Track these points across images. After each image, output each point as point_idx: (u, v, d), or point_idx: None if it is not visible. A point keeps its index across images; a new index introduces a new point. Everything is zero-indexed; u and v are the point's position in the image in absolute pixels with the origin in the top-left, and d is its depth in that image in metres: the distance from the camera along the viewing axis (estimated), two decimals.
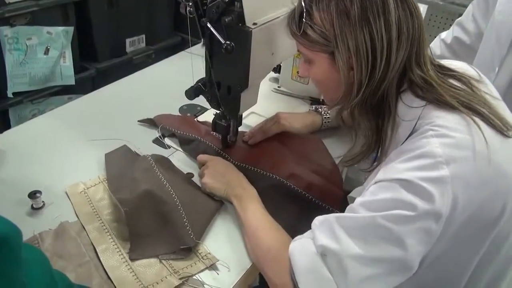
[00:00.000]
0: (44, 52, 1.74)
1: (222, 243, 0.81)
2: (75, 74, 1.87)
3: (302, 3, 0.69)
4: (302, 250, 0.66)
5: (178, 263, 0.75)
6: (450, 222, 0.58)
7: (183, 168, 0.97)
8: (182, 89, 0.90)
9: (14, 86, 1.70)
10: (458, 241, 0.61)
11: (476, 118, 0.62)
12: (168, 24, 2.28)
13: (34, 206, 0.84)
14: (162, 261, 0.75)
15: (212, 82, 0.89)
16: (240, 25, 0.78)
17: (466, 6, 1.26)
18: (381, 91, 0.67)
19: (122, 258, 0.75)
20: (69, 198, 0.87)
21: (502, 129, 0.63)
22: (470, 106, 0.63)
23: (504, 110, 0.70)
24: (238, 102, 0.89)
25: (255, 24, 0.80)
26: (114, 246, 0.77)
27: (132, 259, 0.75)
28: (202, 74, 0.90)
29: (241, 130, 1.03)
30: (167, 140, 1.06)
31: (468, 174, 0.58)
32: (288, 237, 0.74)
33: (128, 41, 2.11)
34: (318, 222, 0.67)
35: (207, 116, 1.15)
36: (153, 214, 0.80)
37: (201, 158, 0.96)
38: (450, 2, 2.09)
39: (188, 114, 1.18)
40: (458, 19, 1.27)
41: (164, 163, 0.94)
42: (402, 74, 0.67)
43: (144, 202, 0.81)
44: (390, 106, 0.69)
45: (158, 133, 1.06)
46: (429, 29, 2.35)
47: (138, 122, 1.12)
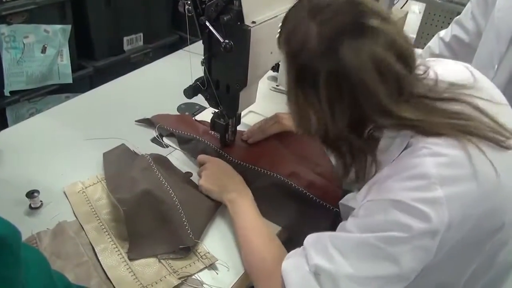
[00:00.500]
0: (41, 50, 1.73)
1: (221, 243, 0.80)
2: (73, 72, 1.86)
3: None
4: (295, 268, 0.66)
5: (177, 263, 0.75)
6: (446, 238, 0.58)
7: (182, 167, 0.97)
8: (180, 87, 0.90)
9: (11, 84, 1.69)
10: (455, 252, 0.61)
11: (470, 136, 0.59)
12: (166, 22, 2.26)
13: (32, 205, 0.83)
14: (161, 260, 0.75)
15: (210, 81, 0.88)
16: (239, 23, 0.78)
17: (464, 5, 1.26)
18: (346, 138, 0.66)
19: (121, 258, 0.75)
20: (67, 197, 0.86)
21: (500, 140, 0.60)
22: (464, 129, 0.60)
23: (505, 115, 0.66)
24: (237, 101, 0.89)
25: (254, 22, 0.80)
26: (113, 246, 0.77)
27: (131, 259, 0.75)
28: (201, 73, 0.90)
29: (239, 129, 1.02)
30: (165, 139, 1.06)
31: (463, 193, 0.57)
32: (280, 249, 0.73)
33: (125, 39, 2.10)
34: (311, 240, 0.66)
35: (206, 114, 1.15)
36: (151, 214, 0.80)
37: (201, 158, 0.95)
38: (448, 0, 2.10)
39: (186, 113, 1.17)
40: (456, 18, 1.27)
41: (162, 162, 0.94)
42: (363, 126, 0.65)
43: (142, 202, 0.81)
44: (364, 148, 0.67)
45: (155, 132, 1.06)
46: (427, 27, 2.35)
47: (136, 122, 1.11)
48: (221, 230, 0.83)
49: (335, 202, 0.90)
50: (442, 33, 1.28)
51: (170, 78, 1.29)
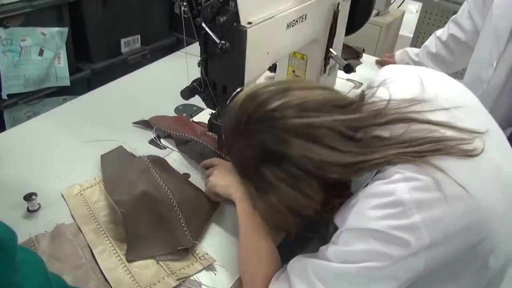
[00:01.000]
0: (38, 53, 1.73)
1: (219, 244, 0.80)
2: (70, 75, 1.85)
3: None
4: None
5: (175, 264, 0.75)
6: (432, 254, 0.58)
7: (180, 168, 0.97)
8: (177, 89, 0.90)
9: (8, 87, 1.69)
10: (446, 261, 0.60)
11: (431, 158, 0.58)
12: (163, 24, 2.27)
13: (30, 208, 0.83)
14: (159, 262, 0.75)
15: (207, 82, 0.88)
16: (235, 24, 0.78)
17: (460, 4, 1.27)
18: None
19: (119, 260, 0.75)
20: (65, 200, 0.86)
21: (467, 150, 0.59)
22: (420, 151, 0.60)
23: (468, 114, 0.66)
24: None
25: (250, 23, 0.80)
26: (111, 248, 0.77)
27: (129, 261, 0.75)
28: (198, 74, 0.90)
29: None
30: (163, 141, 1.06)
31: (440, 215, 0.57)
32: (274, 267, 0.73)
33: (123, 41, 2.10)
34: (295, 268, 0.66)
35: (203, 116, 1.15)
36: (149, 215, 0.80)
37: (214, 161, 0.93)
38: None
39: (184, 114, 1.17)
40: (453, 17, 1.27)
41: (160, 164, 0.94)
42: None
43: (140, 203, 0.80)
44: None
45: (153, 134, 1.06)
46: (424, 27, 2.35)
47: (133, 124, 1.11)
48: (219, 231, 0.83)
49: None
50: (438, 32, 1.29)
51: (167, 80, 1.29)
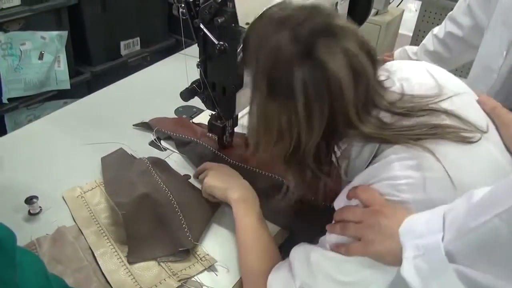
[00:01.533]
0: (38, 57, 1.73)
1: (220, 244, 0.80)
2: (70, 78, 1.86)
3: None
4: (281, 283, 0.67)
5: (176, 265, 0.75)
6: None
7: (180, 170, 0.97)
8: (177, 91, 0.90)
9: (9, 91, 1.69)
10: None
11: (426, 141, 0.59)
12: (162, 26, 2.27)
13: (31, 211, 0.83)
14: (161, 263, 0.75)
15: (206, 83, 0.88)
16: (233, 25, 0.78)
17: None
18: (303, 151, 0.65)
19: (120, 262, 0.75)
20: (66, 202, 0.86)
21: (467, 137, 0.60)
22: (417, 134, 0.61)
23: (466, 105, 0.66)
24: (233, 102, 0.89)
25: (248, 24, 0.80)
26: (112, 250, 0.77)
27: (130, 262, 0.75)
28: (197, 76, 0.90)
29: (237, 130, 1.03)
30: (163, 142, 1.06)
31: (432, 195, 0.57)
32: (274, 260, 0.73)
33: (122, 44, 2.10)
34: (297, 256, 0.67)
35: (203, 117, 1.15)
36: (150, 217, 0.80)
37: (207, 165, 0.93)
38: None
39: (184, 116, 1.18)
40: (449, 14, 1.27)
41: (160, 165, 0.94)
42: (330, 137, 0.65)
43: (141, 205, 0.81)
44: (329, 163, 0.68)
45: (153, 136, 1.06)
46: (423, 25, 2.36)
47: (133, 126, 1.11)
48: (220, 231, 0.84)
49: (333, 201, 0.90)
50: (435, 30, 1.29)
51: (167, 82, 1.29)
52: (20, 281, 0.39)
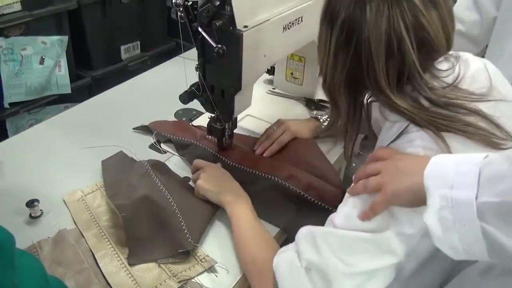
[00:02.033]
0: (39, 61, 1.75)
1: (220, 245, 0.81)
2: (71, 82, 1.87)
3: None
4: (286, 264, 0.67)
5: (176, 267, 0.75)
6: None
7: (180, 172, 0.97)
8: (177, 94, 0.90)
9: (10, 96, 1.70)
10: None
11: (453, 136, 0.60)
12: (162, 30, 2.28)
13: (32, 215, 0.84)
14: (161, 265, 0.76)
15: (205, 86, 0.89)
16: (231, 28, 0.79)
17: None
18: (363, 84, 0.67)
19: (121, 264, 0.75)
20: (67, 206, 0.87)
21: (495, 143, 0.60)
22: (447, 126, 0.61)
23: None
24: (232, 104, 0.90)
25: (246, 26, 0.81)
26: (113, 252, 0.77)
27: (130, 264, 0.75)
28: (196, 79, 0.91)
29: (236, 132, 1.03)
30: (163, 145, 1.07)
31: None
32: (274, 248, 0.74)
33: (123, 48, 2.11)
34: (302, 235, 0.67)
35: (203, 120, 1.15)
36: (150, 219, 0.81)
37: (197, 163, 0.95)
38: None
39: (183, 119, 1.18)
40: None
41: (160, 168, 0.94)
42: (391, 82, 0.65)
43: (141, 207, 0.81)
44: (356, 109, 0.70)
45: (153, 139, 1.07)
46: None
47: (133, 129, 1.12)
48: (219, 232, 0.84)
49: (334, 203, 0.91)
50: None
51: (166, 85, 1.30)
52: (19, 283, 0.40)
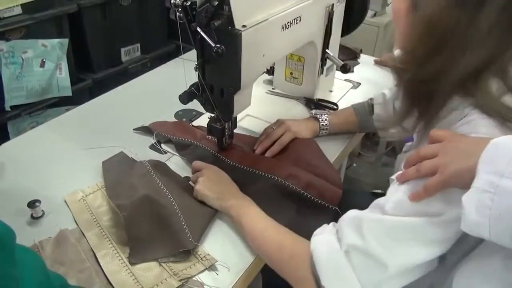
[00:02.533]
0: (40, 64, 1.75)
1: (220, 244, 0.81)
2: (72, 85, 1.88)
3: None
4: (325, 245, 0.66)
5: (177, 265, 0.76)
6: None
7: (180, 172, 0.98)
8: (176, 95, 0.91)
9: (11, 99, 1.71)
10: None
11: None
12: (162, 32, 2.29)
13: (34, 215, 0.84)
14: (162, 264, 0.76)
15: (204, 86, 0.90)
16: (229, 28, 0.80)
17: None
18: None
19: (122, 263, 0.76)
20: (68, 206, 0.87)
21: None
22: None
23: None
24: (232, 104, 0.90)
25: (244, 26, 0.81)
26: (114, 251, 0.78)
27: (131, 263, 0.76)
28: (196, 80, 0.91)
29: (236, 132, 1.04)
30: (163, 146, 1.07)
31: None
32: (295, 234, 0.74)
33: (123, 50, 2.12)
34: (348, 219, 0.66)
35: (203, 120, 1.16)
36: (151, 218, 0.81)
37: (195, 164, 0.96)
38: None
39: (183, 119, 1.19)
40: None
41: (161, 168, 0.95)
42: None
43: (142, 207, 0.82)
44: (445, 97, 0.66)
45: (153, 139, 1.08)
46: None
47: (134, 130, 1.13)
48: (220, 231, 0.84)
49: (334, 201, 0.91)
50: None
51: (166, 86, 1.30)
52: (20, 277, 0.40)
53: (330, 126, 1.11)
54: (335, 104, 1.25)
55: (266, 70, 1.37)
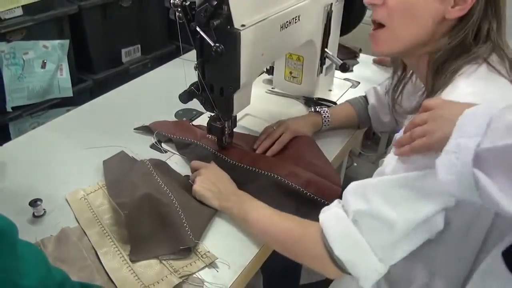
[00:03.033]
0: (41, 65, 1.76)
1: (221, 241, 0.82)
2: (73, 86, 1.89)
3: None
4: (333, 218, 0.68)
5: (178, 263, 0.76)
6: None
7: (181, 170, 0.98)
8: (177, 94, 0.92)
9: (13, 100, 1.72)
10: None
11: None
12: (162, 32, 2.30)
13: (36, 214, 0.85)
14: (162, 261, 0.77)
15: (204, 85, 0.90)
16: (228, 27, 0.80)
17: None
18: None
19: (123, 260, 0.77)
20: (69, 204, 0.88)
21: None
22: None
23: None
24: (231, 103, 0.91)
25: (243, 25, 0.82)
26: (115, 249, 0.78)
27: (132, 261, 0.76)
28: (196, 79, 0.92)
29: (236, 131, 1.04)
30: (164, 145, 1.08)
31: None
32: (301, 218, 0.76)
33: (123, 51, 2.13)
34: (351, 189, 0.68)
35: (203, 119, 1.17)
36: (152, 216, 0.82)
37: (194, 164, 0.97)
38: None
39: (184, 119, 1.20)
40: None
41: (161, 167, 0.96)
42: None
43: (142, 205, 0.82)
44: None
45: (154, 139, 1.08)
46: None
47: (134, 130, 1.13)
48: (220, 228, 0.85)
49: (333, 199, 0.92)
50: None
51: (166, 86, 1.31)
52: (22, 271, 0.41)
53: (332, 119, 1.12)
54: (335, 103, 1.26)
55: (265, 70, 1.37)
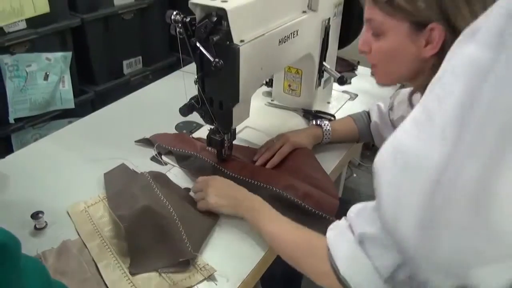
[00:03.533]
0: (43, 77, 1.78)
1: (219, 254, 0.82)
2: (75, 97, 1.91)
3: None
4: (340, 238, 0.68)
5: (177, 275, 0.77)
6: None
7: (180, 183, 0.99)
8: (177, 107, 0.93)
9: (15, 112, 1.74)
10: None
11: None
12: (163, 44, 2.33)
13: (37, 226, 0.86)
14: (162, 274, 0.77)
15: (204, 99, 0.92)
16: (228, 43, 0.82)
17: None
18: None
19: (123, 273, 0.77)
20: (70, 217, 0.89)
21: None
22: None
23: None
24: (231, 116, 0.92)
25: (243, 41, 0.83)
26: (115, 262, 0.79)
27: (132, 274, 0.77)
28: (196, 92, 0.93)
29: (236, 143, 1.06)
30: (164, 157, 1.09)
31: None
32: (310, 230, 0.76)
33: (125, 63, 2.15)
34: (356, 210, 0.68)
35: (203, 132, 1.18)
36: (151, 229, 0.83)
37: (199, 181, 0.96)
38: None
39: (184, 131, 1.21)
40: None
41: (161, 179, 0.97)
42: None
43: (142, 218, 0.83)
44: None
45: (154, 151, 1.09)
46: None
47: (135, 142, 1.15)
48: (219, 241, 0.86)
49: (331, 212, 0.92)
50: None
51: (167, 99, 1.32)
52: (24, 286, 0.42)
53: (332, 132, 1.13)
54: (333, 115, 1.27)
55: (265, 82, 1.39)
